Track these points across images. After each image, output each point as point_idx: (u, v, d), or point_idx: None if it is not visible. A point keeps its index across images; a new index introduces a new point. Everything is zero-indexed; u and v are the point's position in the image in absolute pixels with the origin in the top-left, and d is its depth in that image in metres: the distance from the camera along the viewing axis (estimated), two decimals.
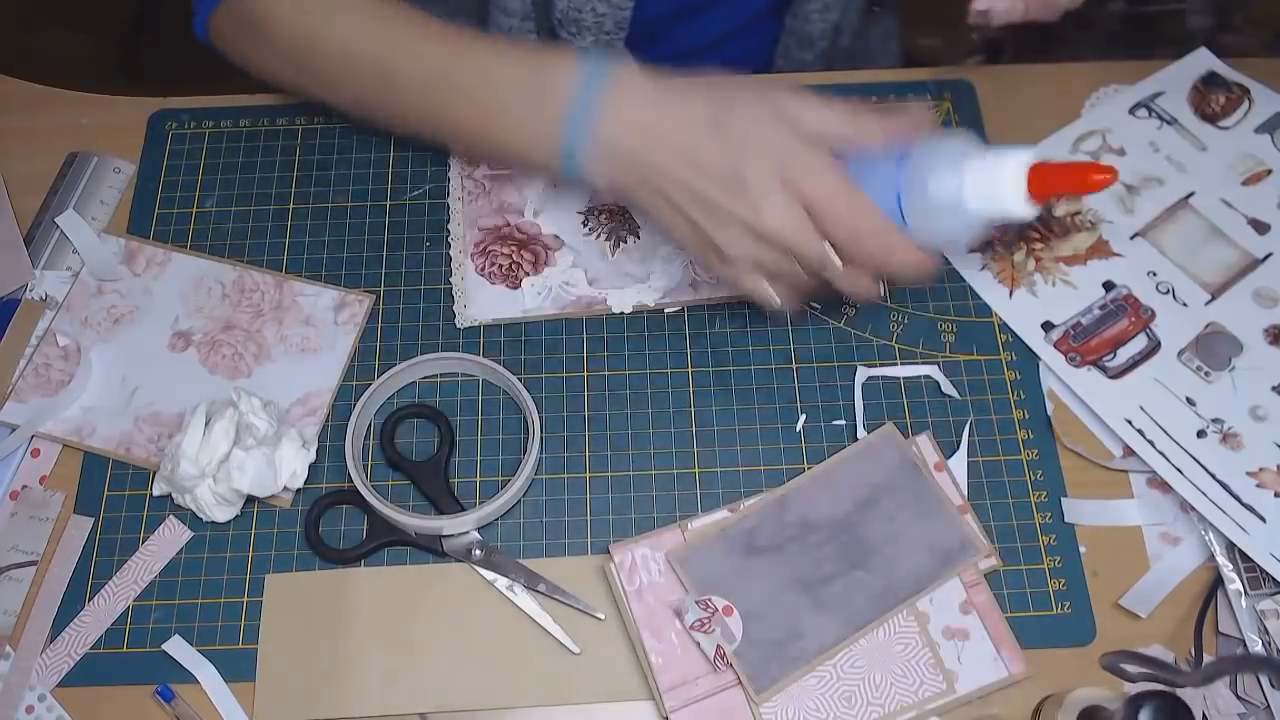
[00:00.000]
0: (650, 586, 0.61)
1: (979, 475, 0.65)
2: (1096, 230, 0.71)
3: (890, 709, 0.58)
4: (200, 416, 0.62)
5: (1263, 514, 0.62)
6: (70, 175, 0.74)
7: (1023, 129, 0.75)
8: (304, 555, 0.63)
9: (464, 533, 0.63)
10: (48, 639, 0.61)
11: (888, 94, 0.77)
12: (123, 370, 0.68)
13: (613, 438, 0.66)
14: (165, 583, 0.63)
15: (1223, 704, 0.58)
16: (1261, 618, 0.60)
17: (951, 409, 0.67)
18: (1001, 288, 0.70)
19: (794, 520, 0.62)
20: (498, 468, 0.65)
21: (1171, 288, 0.69)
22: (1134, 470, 0.65)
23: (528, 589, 0.62)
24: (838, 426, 0.66)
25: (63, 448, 0.66)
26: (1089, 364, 0.67)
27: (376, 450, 0.66)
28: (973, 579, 0.61)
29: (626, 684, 0.60)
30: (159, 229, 0.73)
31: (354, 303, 0.70)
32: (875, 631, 0.60)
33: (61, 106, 0.77)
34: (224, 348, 0.68)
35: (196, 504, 0.62)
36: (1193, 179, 0.72)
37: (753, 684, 0.58)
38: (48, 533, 0.64)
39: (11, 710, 0.59)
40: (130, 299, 0.70)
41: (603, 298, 0.70)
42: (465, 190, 0.73)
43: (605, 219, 0.72)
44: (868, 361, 0.68)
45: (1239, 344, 0.67)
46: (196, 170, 0.75)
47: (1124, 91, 0.76)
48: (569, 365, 0.68)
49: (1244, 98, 0.75)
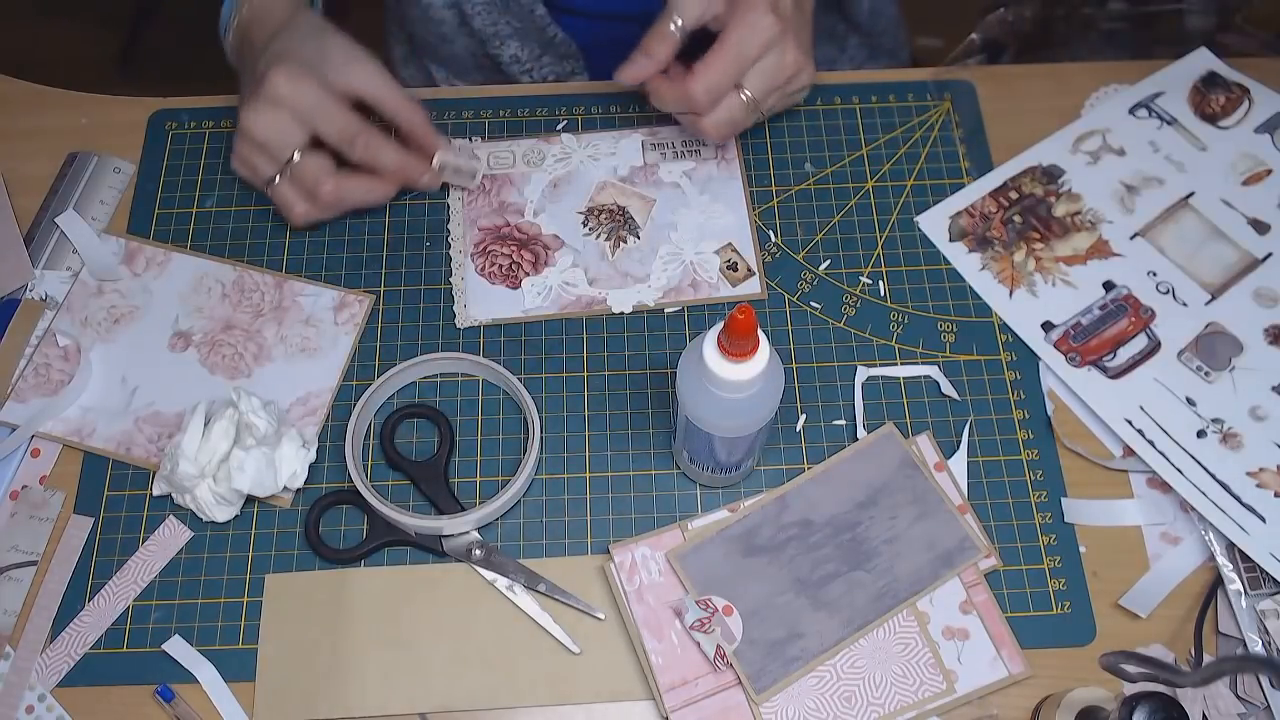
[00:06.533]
0: (650, 586, 0.61)
1: (979, 475, 0.65)
2: (1096, 230, 0.71)
3: (890, 709, 0.58)
4: (200, 416, 0.62)
5: (1263, 514, 0.62)
6: (70, 175, 0.74)
7: (1023, 129, 0.75)
8: (304, 555, 0.63)
9: (464, 533, 0.63)
10: (48, 639, 0.61)
11: (888, 94, 0.77)
12: (123, 370, 0.68)
13: (613, 438, 0.66)
14: (165, 583, 0.63)
15: (1223, 704, 0.58)
16: (1261, 618, 0.60)
17: (951, 409, 0.67)
18: (1001, 288, 0.70)
19: (794, 520, 0.62)
20: (498, 468, 0.65)
21: (1171, 288, 0.69)
22: (1134, 470, 0.65)
23: (528, 589, 0.62)
24: (838, 426, 0.66)
25: (63, 448, 0.66)
26: (1089, 364, 0.67)
27: (376, 450, 0.66)
28: (973, 579, 0.61)
29: (626, 684, 0.60)
30: (159, 229, 0.73)
31: (354, 303, 0.70)
32: (875, 631, 0.60)
33: (61, 106, 0.77)
34: (224, 348, 0.68)
35: (196, 504, 0.62)
36: (1193, 179, 0.72)
37: (753, 684, 0.58)
38: (48, 533, 0.64)
39: (11, 710, 0.59)
40: (130, 299, 0.70)
41: (603, 298, 0.70)
42: (465, 190, 0.73)
43: (605, 219, 0.72)
44: (868, 361, 0.68)
45: (1239, 344, 0.67)
46: (196, 170, 0.75)
47: (1124, 91, 0.76)
48: (569, 365, 0.68)
49: (1244, 98, 0.75)
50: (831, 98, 0.77)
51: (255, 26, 0.69)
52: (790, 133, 0.76)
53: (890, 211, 0.73)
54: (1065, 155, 0.74)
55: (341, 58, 0.66)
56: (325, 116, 0.65)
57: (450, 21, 0.85)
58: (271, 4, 0.69)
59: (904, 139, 0.75)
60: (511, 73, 0.86)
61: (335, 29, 0.68)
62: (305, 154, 0.66)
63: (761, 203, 0.73)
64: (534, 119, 0.76)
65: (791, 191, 0.74)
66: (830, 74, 0.79)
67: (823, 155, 0.75)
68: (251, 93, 0.65)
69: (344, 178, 0.68)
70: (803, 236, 0.72)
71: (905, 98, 0.77)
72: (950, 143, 0.75)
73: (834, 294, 0.70)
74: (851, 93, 0.77)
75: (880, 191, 0.74)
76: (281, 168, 0.67)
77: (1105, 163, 0.73)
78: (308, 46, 0.66)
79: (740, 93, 0.67)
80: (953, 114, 0.76)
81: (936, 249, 0.71)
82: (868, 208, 0.73)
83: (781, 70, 0.67)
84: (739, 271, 0.71)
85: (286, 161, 0.66)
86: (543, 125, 0.76)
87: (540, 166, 0.74)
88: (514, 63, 0.85)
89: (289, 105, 0.64)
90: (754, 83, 0.67)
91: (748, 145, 0.75)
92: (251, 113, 0.65)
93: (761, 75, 0.67)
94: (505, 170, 0.74)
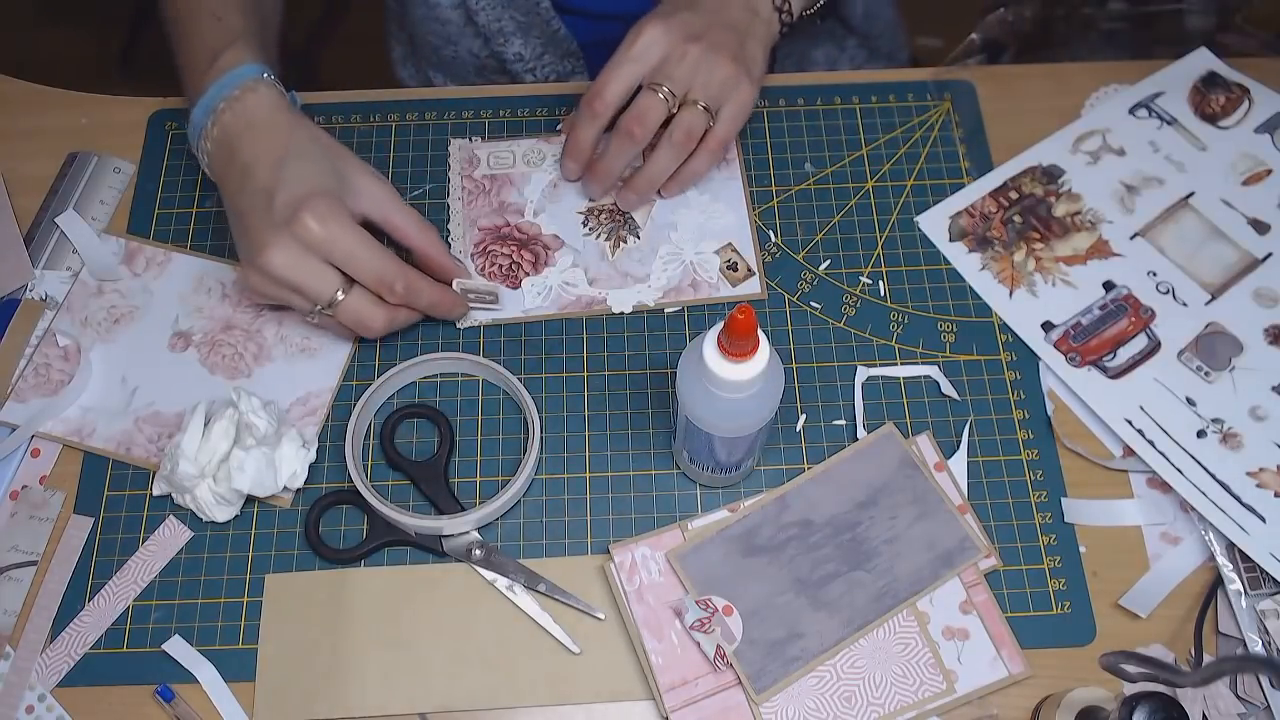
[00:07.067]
0: (650, 586, 0.61)
1: (979, 475, 0.65)
2: (1096, 230, 0.71)
3: (890, 709, 0.58)
4: (200, 416, 0.62)
5: (1263, 514, 0.62)
6: (70, 175, 0.74)
7: (1023, 129, 0.75)
8: (304, 555, 0.63)
9: (464, 533, 0.63)
10: (48, 639, 0.61)
11: (888, 94, 0.77)
12: (123, 370, 0.68)
13: (613, 438, 0.66)
14: (165, 583, 0.63)
15: (1223, 704, 0.58)
16: (1261, 618, 0.60)
17: (951, 409, 0.67)
18: (1001, 288, 0.70)
19: (794, 520, 0.62)
20: (498, 468, 0.65)
21: (1171, 288, 0.69)
22: (1134, 470, 0.65)
23: (528, 589, 0.62)
24: (838, 426, 0.66)
25: (63, 448, 0.66)
26: (1089, 364, 0.67)
27: (376, 450, 0.66)
28: (973, 579, 0.61)
29: (626, 684, 0.60)
30: (159, 229, 0.73)
31: None
32: (875, 631, 0.60)
33: (61, 106, 0.77)
34: (224, 348, 0.68)
35: (196, 504, 0.62)
36: (1193, 179, 0.72)
37: (753, 684, 0.58)
38: (48, 533, 0.64)
39: (11, 710, 0.59)
40: (130, 299, 0.70)
41: (603, 298, 0.70)
42: (465, 190, 0.73)
43: (605, 219, 0.72)
44: (868, 361, 0.68)
45: (1239, 344, 0.67)
46: (196, 170, 0.75)
47: (1124, 91, 0.76)
48: (569, 365, 0.68)
49: (1244, 98, 0.75)
50: (831, 98, 0.77)
51: (243, 138, 0.63)
52: (790, 133, 0.76)
53: (890, 211, 0.73)
54: (1065, 155, 0.74)
55: (359, 183, 0.63)
56: (363, 263, 0.61)
57: (456, 21, 0.85)
58: (253, 111, 0.63)
59: (904, 139, 0.75)
60: (514, 71, 0.87)
61: (338, 144, 0.65)
62: (347, 294, 0.62)
63: (761, 203, 0.73)
64: (534, 119, 0.76)
65: (791, 191, 0.74)
66: (830, 74, 0.79)
67: (823, 155, 0.75)
68: (276, 231, 0.60)
69: (391, 311, 0.64)
70: (803, 236, 0.72)
71: (905, 98, 0.77)
72: (950, 143, 0.75)
73: (834, 294, 0.70)
74: (851, 93, 0.77)
75: (880, 191, 0.74)
76: (323, 306, 0.63)
77: (1105, 163, 0.73)
78: (322, 172, 0.62)
79: (657, 91, 0.66)
80: (953, 114, 0.76)
81: (936, 249, 0.71)
82: (868, 208, 0.73)
83: (686, 62, 0.66)
84: (739, 271, 0.71)
85: (328, 302, 0.62)
86: (543, 125, 0.76)
87: (540, 166, 0.74)
88: (517, 60, 0.85)
89: (323, 250, 0.60)
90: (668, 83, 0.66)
91: (748, 145, 0.75)
92: (282, 255, 0.60)
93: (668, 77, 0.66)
94: (505, 170, 0.74)
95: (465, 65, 0.89)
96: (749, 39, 0.68)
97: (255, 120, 0.63)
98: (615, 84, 0.66)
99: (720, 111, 0.67)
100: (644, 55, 0.66)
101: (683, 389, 0.55)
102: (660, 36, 0.66)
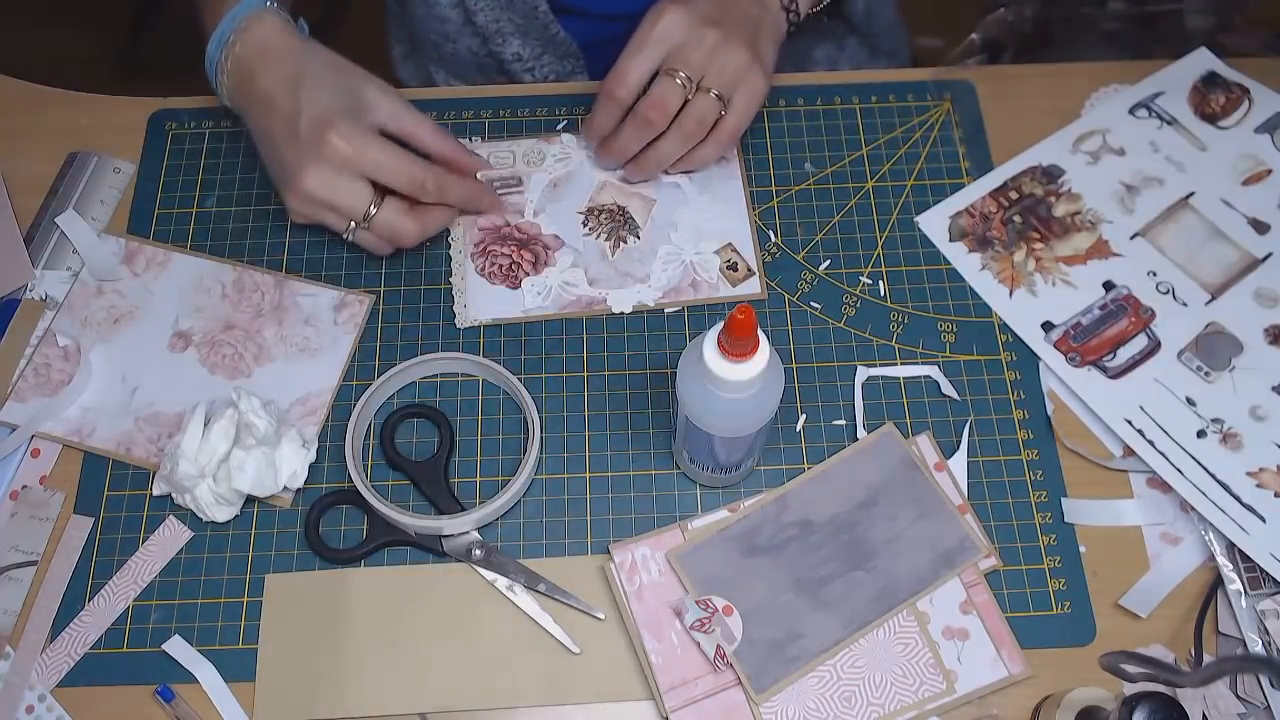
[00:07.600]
0: (650, 586, 0.61)
1: (979, 475, 0.65)
2: (1096, 230, 0.71)
3: (890, 709, 0.58)
4: (200, 416, 0.62)
5: (1263, 514, 0.62)
6: (70, 175, 0.74)
7: (1023, 129, 0.75)
8: (304, 555, 0.63)
9: (464, 533, 0.63)
10: (48, 639, 0.61)
11: (888, 94, 0.77)
12: (123, 370, 0.68)
13: (613, 438, 0.66)
14: (165, 583, 0.63)
15: (1223, 704, 0.58)
16: (1261, 618, 0.60)
17: (951, 409, 0.67)
18: (1001, 288, 0.70)
19: (794, 520, 0.62)
20: (498, 468, 0.65)
21: (1171, 288, 0.69)
22: (1134, 470, 0.65)
23: (528, 589, 0.62)
24: (838, 426, 0.66)
25: (63, 448, 0.66)
26: (1089, 364, 0.67)
27: (376, 450, 0.66)
28: (973, 579, 0.61)
29: (626, 684, 0.60)
30: (159, 229, 0.73)
31: (354, 303, 0.70)
32: (875, 631, 0.60)
33: (61, 106, 0.77)
34: (224, 348, 0.68)
35: (196, 504, 0.62)
36: (1193, 179, 0.72)
37: (753, 684, 0.58)
38: (48, 533, 0.64)
39: (11, 710, 0.59)
40: (130, 299, 0.70)
41: (603, 298, 0.70)
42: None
43: (605, 219, 0.72)
44: (868, 361, 0.68)
45: (1239, 344, 0.67)
46: (196, 170, 0.75)
47: (1124, 91, 0.76)
48: (569, 365, 0.68)
49: (1244, 98, 0.75)
50: (831, 98, 0.77)
51: (257, 67, 0.65)
52: (790, 133, 0.76)
53: (890, 211, 0.73)
54: (1065, 155, 0.74)
55: (372, 96, 0.65)
56: (393, 171, 0.64)
57: (455, 20, 0.85)
58: (265, 39, 0.65)
59: (904, 139, 0.75)
60: (513, 71, 0.87)
61: (347, 61, 0.67)
62: (379, 206, 0.65)
63: (761, 203, 0.73)
64: (534, 119, 0.76)
65: (791, 191, 0.74)
66: (830, 74, 0.79)
67: (823, 155, 0.75)
68: (306, 155, 0.63)
69: (421, 217, 0.67)
70: (803, 236, 0.72)
71: (905, 98, 0.77)
72: (950, 143, 0.75)
73: (834, 294, 0.70)
74: (851, 93, 0.77)
75: (880, 191, 0.74)
76: (358, 221, 0.66)
77: (1105, 163, 0.73)
78: (338, 89, 0.65)
79: (675, 77, 0.67)
80: (953, 114, 0.76)
81: (936, 249, 0.71)
82: (868, 208, 0.73)
83: (704, 45, 0.67)
84: (739, 271, 0.71)
85: (363, 216, 0.65)
86: (543, 125, 0.76)
87: (540, 166, 0.74)
88: (515, 60, 0.85)
89: (353, 166, 0.63)
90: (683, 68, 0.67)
91: (748, 145, 0.75)
92: (315, 177, 0.63)
93: (684, 62, 0.67)
94: (505, 170, 0.74)
95: (466, 62, 0.89)
96: (760, 33, 0.69)
97: (266, 48, 0.66)
98: (637, 69, 0.67)
99: (733, 100, 0.68)
100: (664, 38, 0.67)
101: (683, 389, 0.55)
102: (680, 19, 0.67)
